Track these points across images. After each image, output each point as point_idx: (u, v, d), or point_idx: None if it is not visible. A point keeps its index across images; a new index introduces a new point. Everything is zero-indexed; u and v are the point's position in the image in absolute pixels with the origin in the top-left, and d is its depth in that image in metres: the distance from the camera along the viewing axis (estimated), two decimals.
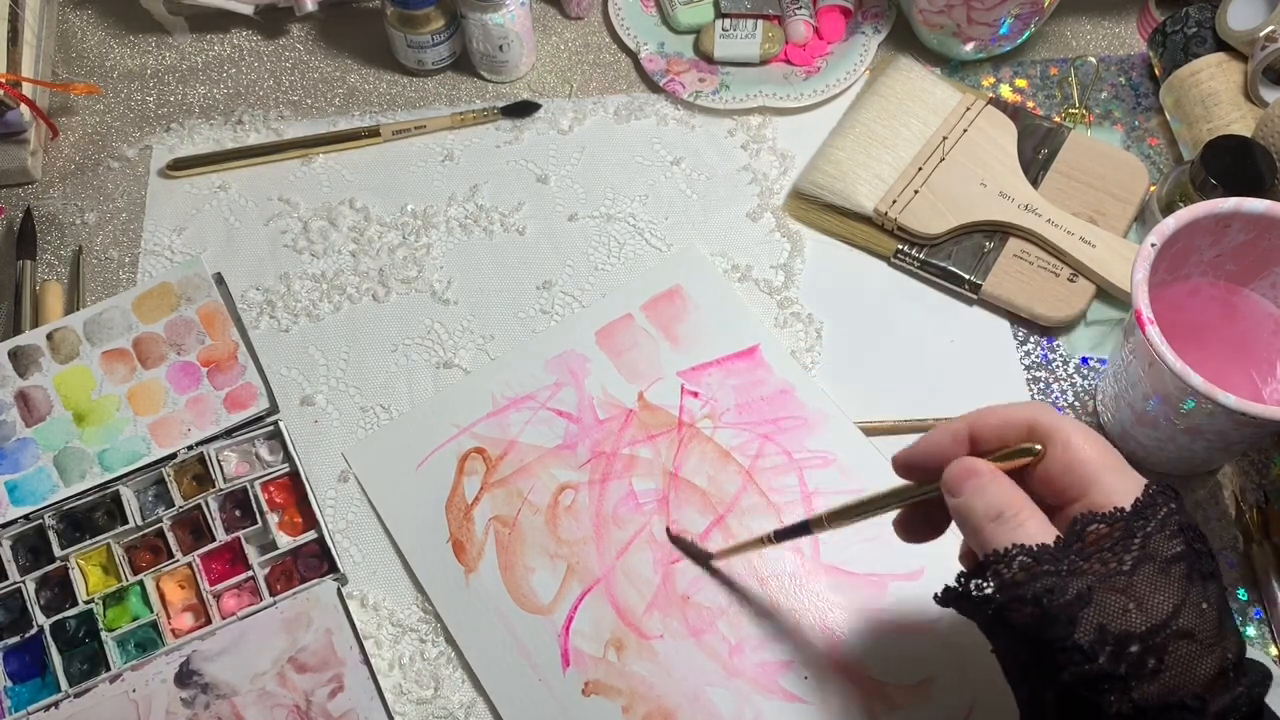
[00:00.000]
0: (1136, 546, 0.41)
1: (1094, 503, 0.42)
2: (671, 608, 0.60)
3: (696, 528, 0.62)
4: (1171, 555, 0.41)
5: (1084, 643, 0.40)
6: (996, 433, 0.45)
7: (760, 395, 0.67)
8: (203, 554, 0.61)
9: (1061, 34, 0.83)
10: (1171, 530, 0.41)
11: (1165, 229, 0.58)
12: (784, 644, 0.59)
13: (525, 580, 0.61)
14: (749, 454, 0.65)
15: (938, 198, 0.71)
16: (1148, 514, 0.42)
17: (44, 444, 0.64)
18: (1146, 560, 0.41)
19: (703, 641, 0.60)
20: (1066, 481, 0.43)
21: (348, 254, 0.73)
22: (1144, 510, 0.42)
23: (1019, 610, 0.41)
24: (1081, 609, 0.40)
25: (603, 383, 0.67)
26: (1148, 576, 0.40)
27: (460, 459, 0.65)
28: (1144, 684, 0.39)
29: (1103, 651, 0.40)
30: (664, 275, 0.71)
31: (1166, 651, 0.40)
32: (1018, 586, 0.41)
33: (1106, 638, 0.40)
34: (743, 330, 0.69)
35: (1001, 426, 0.45)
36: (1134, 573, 0.40)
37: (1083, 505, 0.43)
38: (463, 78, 0.81)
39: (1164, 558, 0.41)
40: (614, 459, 0.65)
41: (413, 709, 0.59)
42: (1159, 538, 0.41)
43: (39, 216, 0.74)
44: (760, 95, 0.78)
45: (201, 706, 0.57)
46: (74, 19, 0.83)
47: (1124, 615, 0.40)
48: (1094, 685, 0.40)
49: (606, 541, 0.62)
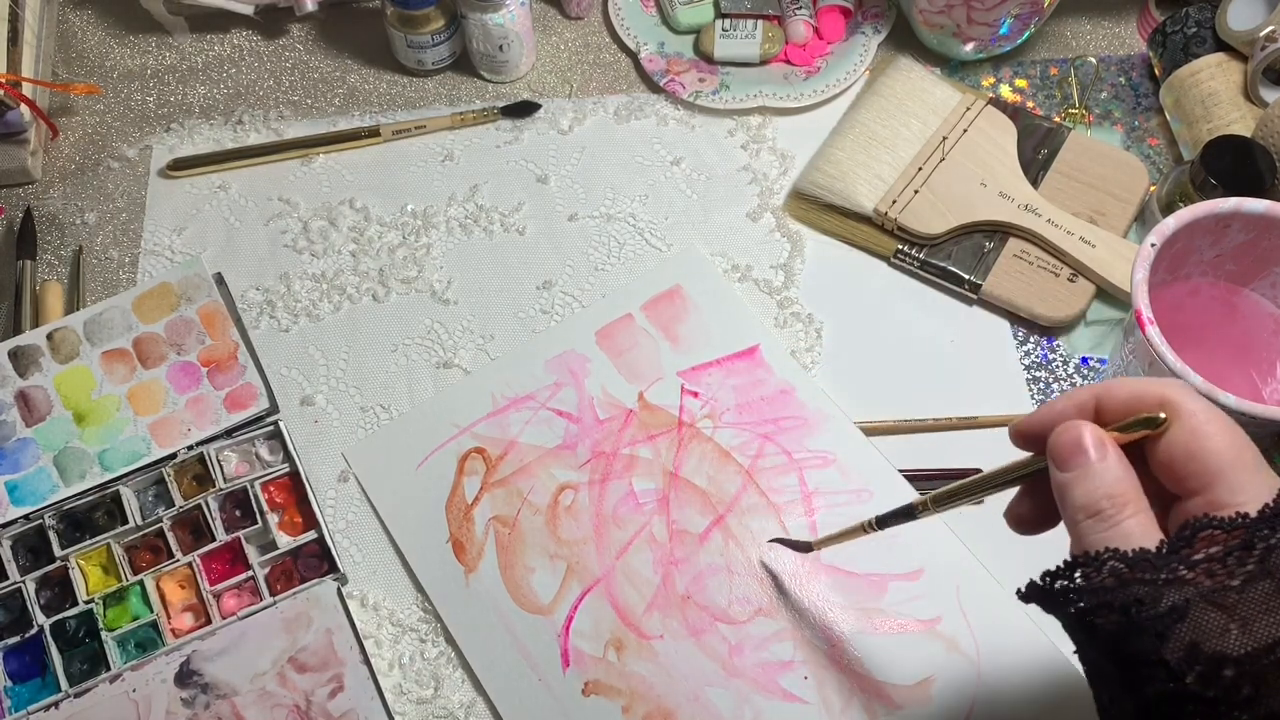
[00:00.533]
0: (1255, 560, 0.36)
1: (1216, 501, 0.38)
2: (671, 608, 0.60)
3: (696, 528, 0.63)
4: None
5: (1171, 660, 0.36)
6: (1125, 406, 0.41)
7: (760, 395, 0.67)
8: (203, 554, 0.61)
9: (1061, 34, 0.83)
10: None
11: (1165, 229, 0.58)
12: (784, 644, 0.59)
13: (525, 580, 0.61)
14: (749, 454, 0.65)
15: (938, 198, 0.71)
16: (1274, 522, 0.37)
17: (44, 444, 0.64)
18: (1264, 577, 0.36)
19: (703, 641, 0.60)
20: (1189, 470, 0.39)
21: (348, 254, 0.73)
22: (1272, 519, 0.37)
23: (1105, 617, 0.38)
24: (1174, 623, 0.36)
25: (603, 383, 0.67)
26: (1260, 595, 0.36)
27: (460, 459, 0.65)
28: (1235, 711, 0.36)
29: (1191, 671, 0.36)
30: (664, 275, 0.71)
31: (1264, 679, 0.35)
32: (1106, 593, 0.37)
33: (1198, 657, 0.36)
34: (743, 330, 0.69)
35: (1131, 400, 0.41)
36: (1244, 589, 0.36)
37: (1203, 502, 0.38)
38: (463, 78, 0.81)
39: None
40: (614, 459, 0.65)
41: (413, 709, 0.59)
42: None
43: (39, 216, 0.74)
44: (760, 95, 0.78)
45: (201, 706, 0.57)
46: (74, 19, 0.83)
47: (1222, 635, 0.36)
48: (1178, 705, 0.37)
49: (606, 541, 0.62)
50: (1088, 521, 0.39)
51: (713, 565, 0.62)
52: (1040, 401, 0.68)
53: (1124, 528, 0.38)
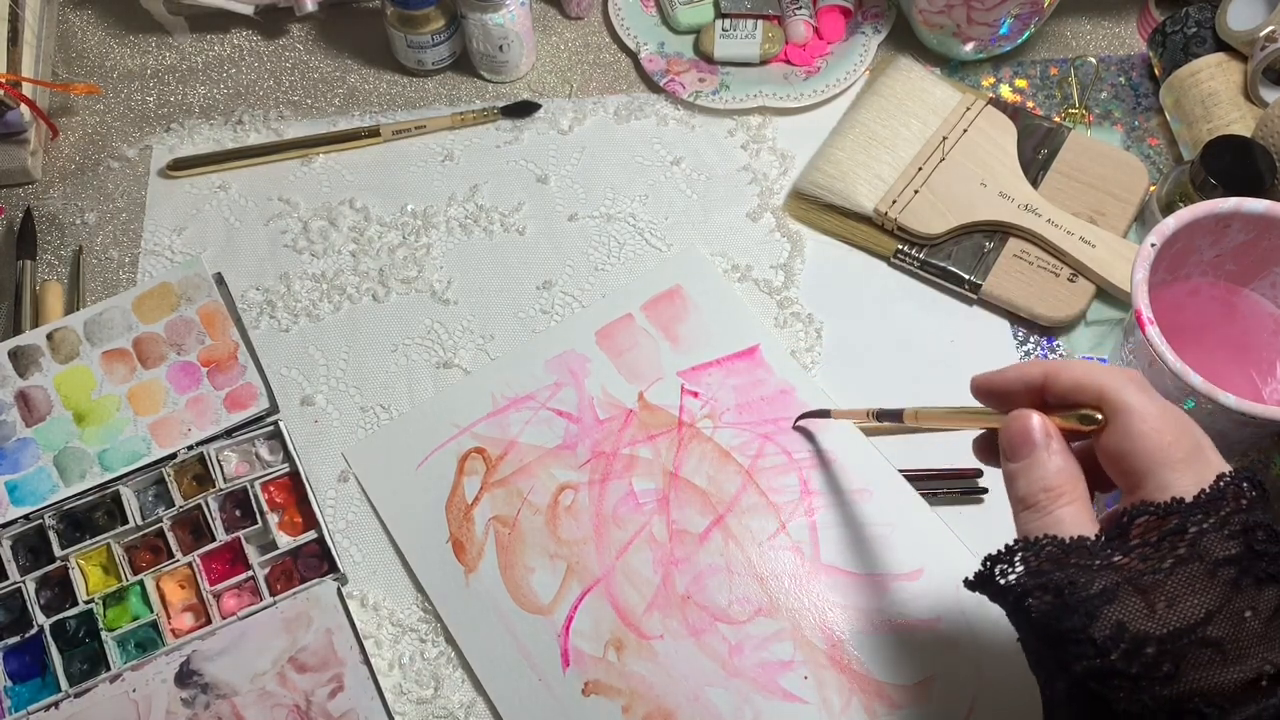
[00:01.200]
0: (1185, 544, 0.38)
1: (1148, 498, 0.40)
2: (671, 608, 0.60)
3: (696, 528, 0.63)
4: (1224, 557, 0.38)
5: (1098, 638, 0.38)
6: (1066, 392, 0.43)
7: (760, 395, 0.67)
8: (203, 554, 0.61)
9: (1061, 34, 0.83)
10: (1233, 529, 0.38)
11: (1165, 229, 0.58)
12: (784, 644, 0.59)
13: (525, 580, 0.61)
14: (749, 454, 0.65)
15: (938, 198, 0.71)
16: (1209, 508, 0.39)
17: (44, 444, 0.64)
18: (1193, 560, 0.38)
19: (702, 641, 0.60)
20: (1121, 468, 0.41)
21: (348, 254, 0.73)
22: (1206, 504, 0.39)
23: (1039, 598, 0.40)
24: (1104, 605, 0.38)
25: (603, 383, 0.67)
26: (1186, 578, 0.38)
27: (460, 459, 0.65)
28: (1156, 686, 0.38)
29: (1115, 649, 0.38)
30: (664, 275, 0.71)
31: (1185, 658, 0.37)
32: (1041, 575, 0.40)
33: (1123, 635, 0.38)
34: (743, 330, 0.69)
35: (1073, 389, 0.42)
36: (1171, 572, 0.38)
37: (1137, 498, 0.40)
38: (463, 78, 0.81)
39: (1214, 559, 0.38)
40: (614, 459, 0.65)
41: (413, 709, 0.59)
42: (1215, 536, 0.38)
43: (39, 216, 0.74)
44: (760, 95, 0.78)
45: (201, 706, 0.57)
46: (74, 19, 0.83)
47: (1148, 616, 0.38)
48: (1104, 681, 0.39)
49: (606, 541, 0.62)
50: (1025, 512, 0.42)
51: (713, 565, 0.62)
52: None
53: (1055, 515, 0.41)
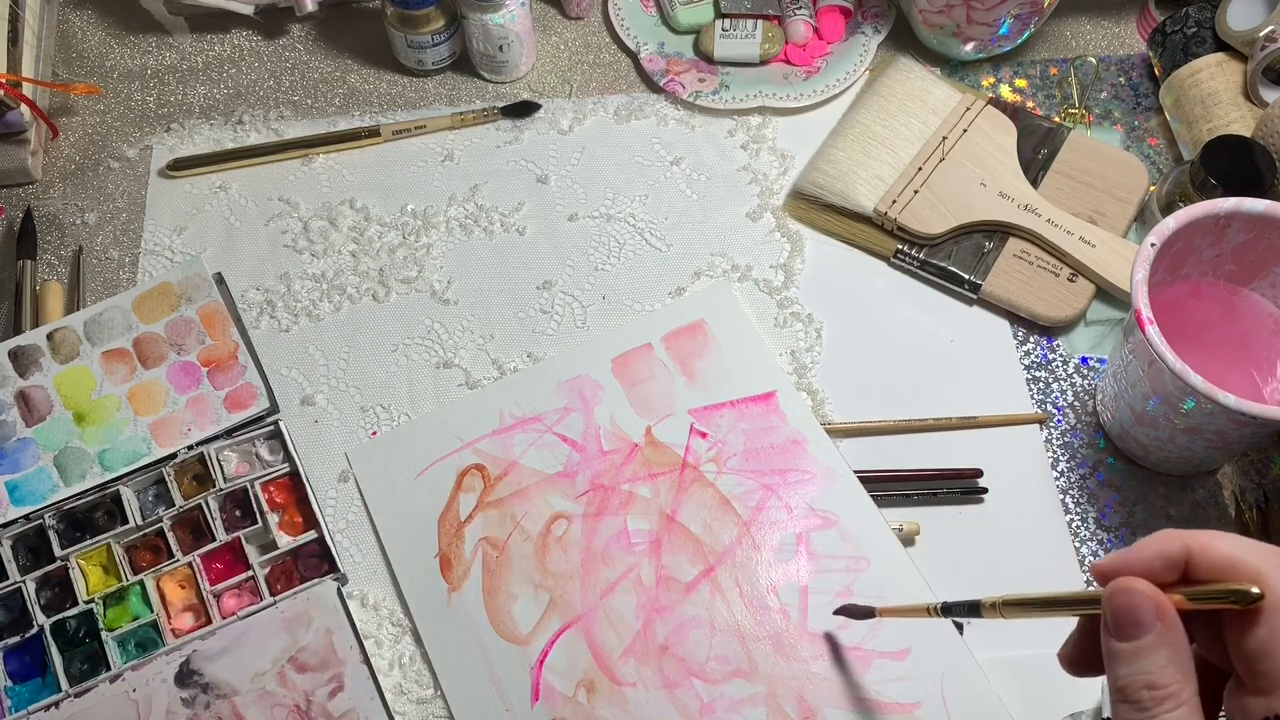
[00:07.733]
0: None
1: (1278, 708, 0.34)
2: (649, 656, 0.59)
3: (685, 576, 0.61)
4: None
5: None
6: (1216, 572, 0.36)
7: (770, 443, 0.65)
8: (203, 554, 0.61)
9: (1061, 34, 0.83)
10: None
11: (1165, 229, 0.58)
12: (757, 710, 0.57)
13: (507, 607, 0.60)
14: (749, 504, 0.63)
15: (938, 198, 0.71)
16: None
17: (44, 444, 0.64)
18: None
19: (675, 695, 0.58)
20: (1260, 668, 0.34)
21: (348, 254, 0.73)
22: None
23: None
24: None
25: (612, 413, 0.66)
26: None
27: (459, 474, 0.64)
28: None
29: None
30: (690, 309, 0.70)
31: None
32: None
33: None
34: (762, 374, 0.67)
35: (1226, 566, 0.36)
36: None
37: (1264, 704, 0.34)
38: (463, 78, 0.81)
39: None
40: (612, 493, 0.63)
41: (413, 709, 0.59)
42: None
43: (39, 216, 0.74)
44: (760, 95, 0.78)
45: (201, 706, 0.57)
46: (74, 19, 0.83)
47: None
48: None
49: (593, 579, 0.61)
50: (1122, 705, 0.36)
51: (696, 618, 0.60)
52: (1039, 403, 0.68)
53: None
